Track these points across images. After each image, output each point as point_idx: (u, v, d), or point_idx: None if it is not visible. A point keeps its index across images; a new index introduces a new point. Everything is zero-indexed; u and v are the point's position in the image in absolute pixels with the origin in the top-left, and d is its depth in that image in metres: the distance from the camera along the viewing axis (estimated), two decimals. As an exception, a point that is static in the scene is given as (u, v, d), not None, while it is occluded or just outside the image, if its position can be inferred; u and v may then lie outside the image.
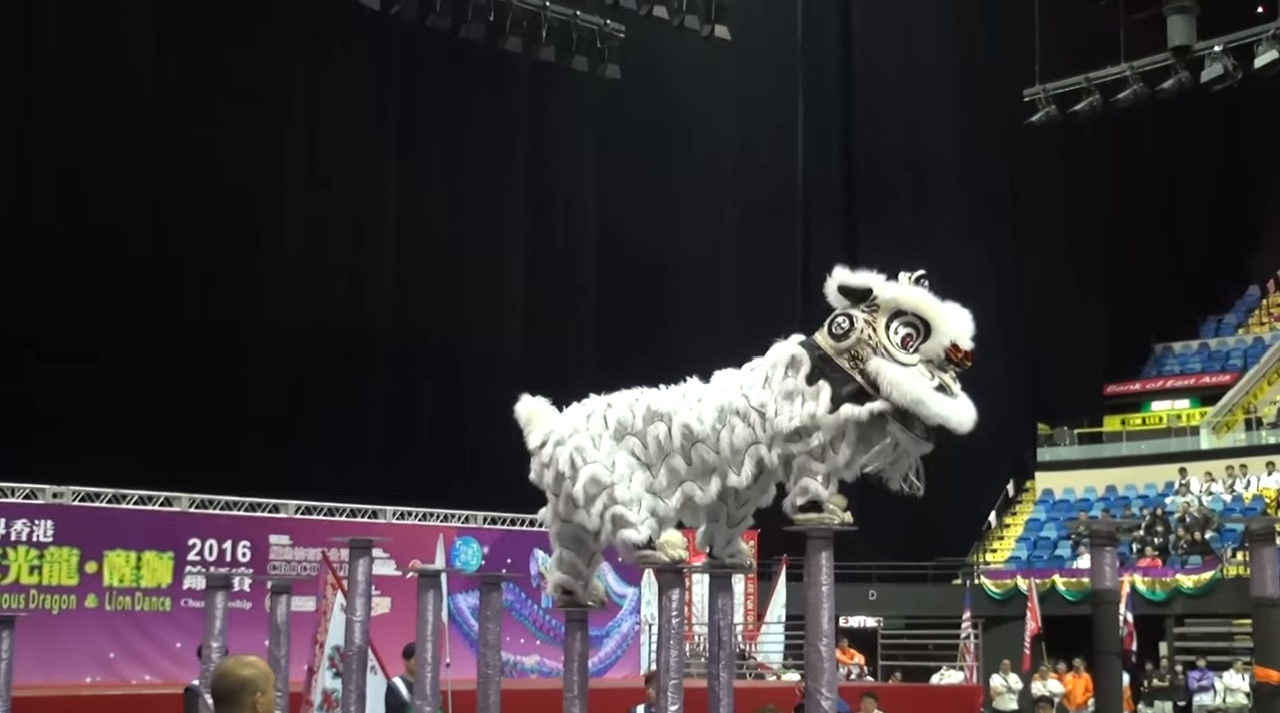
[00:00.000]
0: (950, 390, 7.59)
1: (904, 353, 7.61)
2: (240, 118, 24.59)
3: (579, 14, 25.96)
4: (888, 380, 7.55)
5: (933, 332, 7.62)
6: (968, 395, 7.70)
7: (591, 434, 8.56)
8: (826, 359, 7.84)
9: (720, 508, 8.58)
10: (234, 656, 5.03)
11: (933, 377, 7.57)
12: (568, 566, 9.00)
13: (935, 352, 7.60)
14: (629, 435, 8.44)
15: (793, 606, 25.01)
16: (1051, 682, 24.14)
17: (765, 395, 8.02)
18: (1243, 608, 21.66)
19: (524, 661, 23.49)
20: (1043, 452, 34.97)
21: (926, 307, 7.68)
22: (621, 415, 8.51)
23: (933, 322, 7.64)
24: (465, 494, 24.49)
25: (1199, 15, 28.71)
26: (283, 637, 11.12)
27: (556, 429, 8.74)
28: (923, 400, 7.50)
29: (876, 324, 7.69)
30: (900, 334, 7.65)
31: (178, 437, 22.63)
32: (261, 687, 4.76)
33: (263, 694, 4.75)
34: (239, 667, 4.82)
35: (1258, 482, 30.86)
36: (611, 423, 8.52)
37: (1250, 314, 39.76)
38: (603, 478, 8.35)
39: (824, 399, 7.77)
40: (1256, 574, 8.09)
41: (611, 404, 8.65)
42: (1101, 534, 8.53)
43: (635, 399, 8.57)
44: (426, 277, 27.64)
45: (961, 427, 7.59)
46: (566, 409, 8.89)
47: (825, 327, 7.94)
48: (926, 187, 34.97)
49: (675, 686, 8.26)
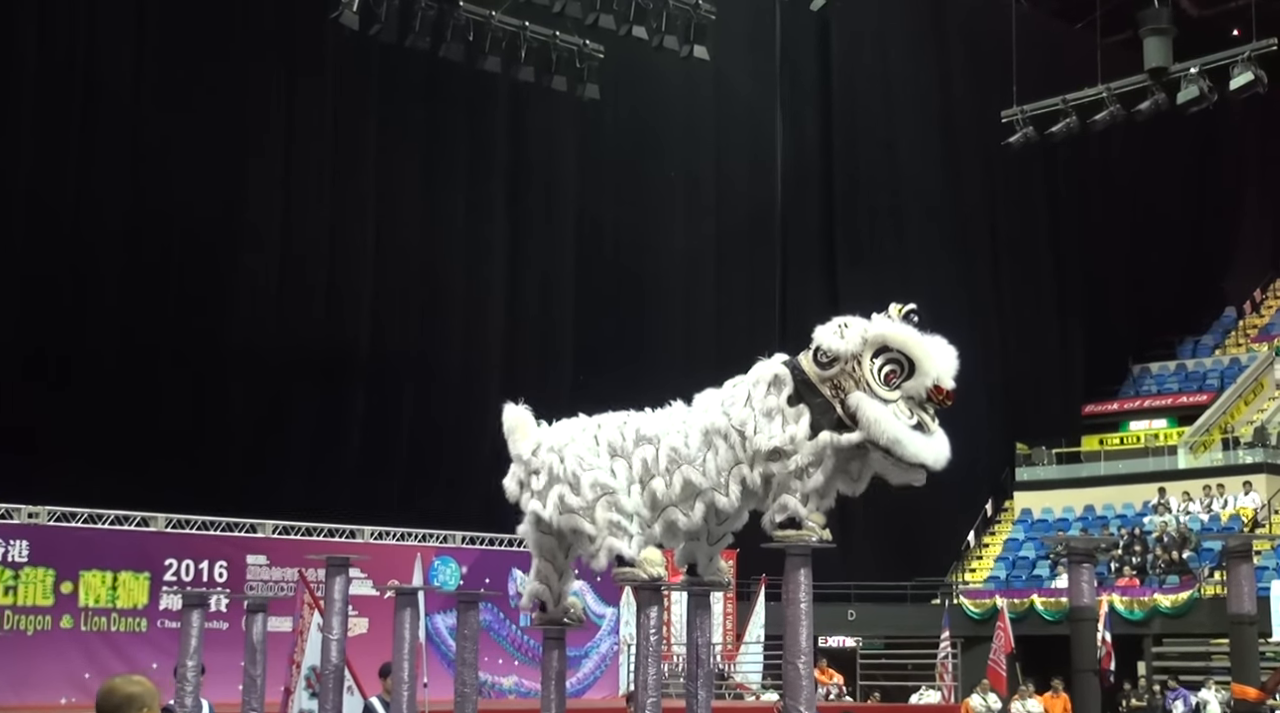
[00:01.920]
0: (928, 429, 7.75)
1: (885, 389, 7.75)
2: (217, 136, 24.53)
3: (558, 34, 25.96)
4: (867, 418, 7.71)
5: (917, 370, 7.77)
6: (943, 430, 7.86)
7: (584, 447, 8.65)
8: (809, 384, 7.94)
9: (701, 528, 8.59)
10: (121, 674, 5.07)
11: (912, 415, 7.72)
12: (543, 576, 9.01)
13: (917, 390, 7.75)
14: (619, 458, 8.50)
15: (772, 626, 24.98)
16: (1030, 702, 24.13)
17: (745, 414, 8.09)
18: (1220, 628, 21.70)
19: (502, 681, 23.42)
20: (1021, 472, 35.02)
21: (913, 345, 7.81)
22: (611, 438, 8.61)
23: (918, 360, 7.77)
24: (443, 514, 24.42)
25: (1175, 38, 28.89)
26: (258, 656, 11.07)
27: (550, 438, 8.81)
28: (899, 441, 7.66)
29: (862, 357, 7.83)
30: (884, 370, 7.79)
31: (154, 457, 22.51)
32: (148, 703, 4.78)
33: (149, 710, 4.75)
34: (125, 684, 4.85)
35: (1235, 501, 30.96)
36: (602, 444, 8.59)
37: (1227, 335, 39.98)
38: (608, 483, 8.44)
39: (804, 424, 7.89)
40: (1234, 592, 8.13)
41: (601, 425, 8.75)
42: (1079, 552, 8.54)
43: (624, 422, 8.67)
44: (404, 296, 27.59)
45: (936, 465, 7.78)
46: (557, 423, 8.91)
47: (811, 351, 8.00)
48: (904, 207, 35.06)
49: (653, 704, 8.25)
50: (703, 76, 29.99)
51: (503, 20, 25.26)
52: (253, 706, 11.09)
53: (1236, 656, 8.33)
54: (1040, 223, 37.51)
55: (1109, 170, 38.13)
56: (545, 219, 29.83)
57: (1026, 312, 36.76)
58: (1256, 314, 40.68)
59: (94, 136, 23.55)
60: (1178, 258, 39.28)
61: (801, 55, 33.85)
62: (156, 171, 23.95)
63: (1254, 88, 27.22)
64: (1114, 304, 37.98)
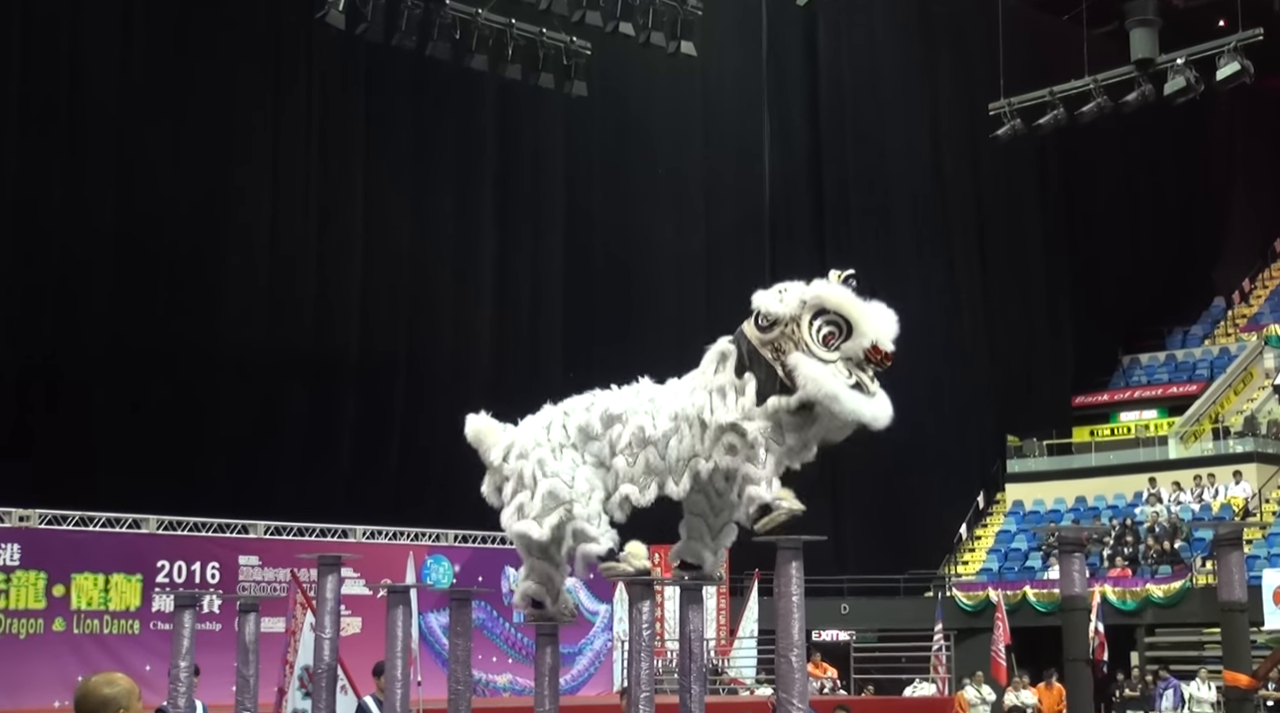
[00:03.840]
0: (867, 389, 7.84)
1: (824, 350, 7.85)
2: (204, 137, 24.50)
3: (545, 32, 25.92)
4: (804, 375, 7.81)
5: (854, 331, 7.84)
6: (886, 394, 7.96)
7: (553, 445, 8.65)
8: (754, 352, 8.06)
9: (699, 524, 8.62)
10: (100, 673, 4.99)
11: (850, 375, 7.80)
12: (538, 575, 8.99)
13: (855, 351, 7.83)
14: (592, 441, 8.51)
15: (765, 621, 24.97)
16: (1025, 693, 24.16)
17: (702, 398, 8.19)
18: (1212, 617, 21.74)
19: (496, 679, 23.42)
20: (1012, 464, 35.07)
21: (850, 306, 7.89)
22: (581, 422, 8.63)
23: (855, 321, 7.85)
24: (435, 513, 24.40)
25: (1161, 29, 28.91)
26: (251, 656, 11.05)
27: (518, 442, 8.85)
28: (837, 397, 7.76)
29: (801, 319, 7.93)
30: (823, 331, 7.89)
31: (145, 459, 22.47)
32: (125, 703, 4.70)
33: (126, 711, 4.70)
34: (101, 685, 4.75)
35: (1226, 491, 31.03)
36: (572, 431, 8.64)
37: (1216, 325, 40.06)
38: (560, 494, 8.45)
39: (750, 392, 8.02)
40: (1224, 579, 8.13)
41: (569, 412, 8.76)
42: (1070, 541, 8.56)
43: (591, 404, 8.67)
44: (393, 297, 27.57)
45: (876, 423, 7.87)
46: (523, 421, 8.91)
47: (753, 317, 8.11)
48: (892, 201, 35.08)
49: (647, 699, 8.25)
50: (690, 73, 29.97)
51: (489, 18, 25.22)
52: (246, 706, 11.08)
53: (1228, 644, 8.34)
54: (1029, 215, 37.55)
55: (1097, 162, 38.16)
56: (534, 218, 29.80)
57: (1016, 304, 36.80)
58: (1245, 304, 40.76)
59: (81, 139, 23.53)
60: (1166, 248, 39.35)
61: (788, 50, 33.84)
62: (144, 174, 23.93)
63: (1240, 78, 27.25)
64: (1103, 295, 38.02)
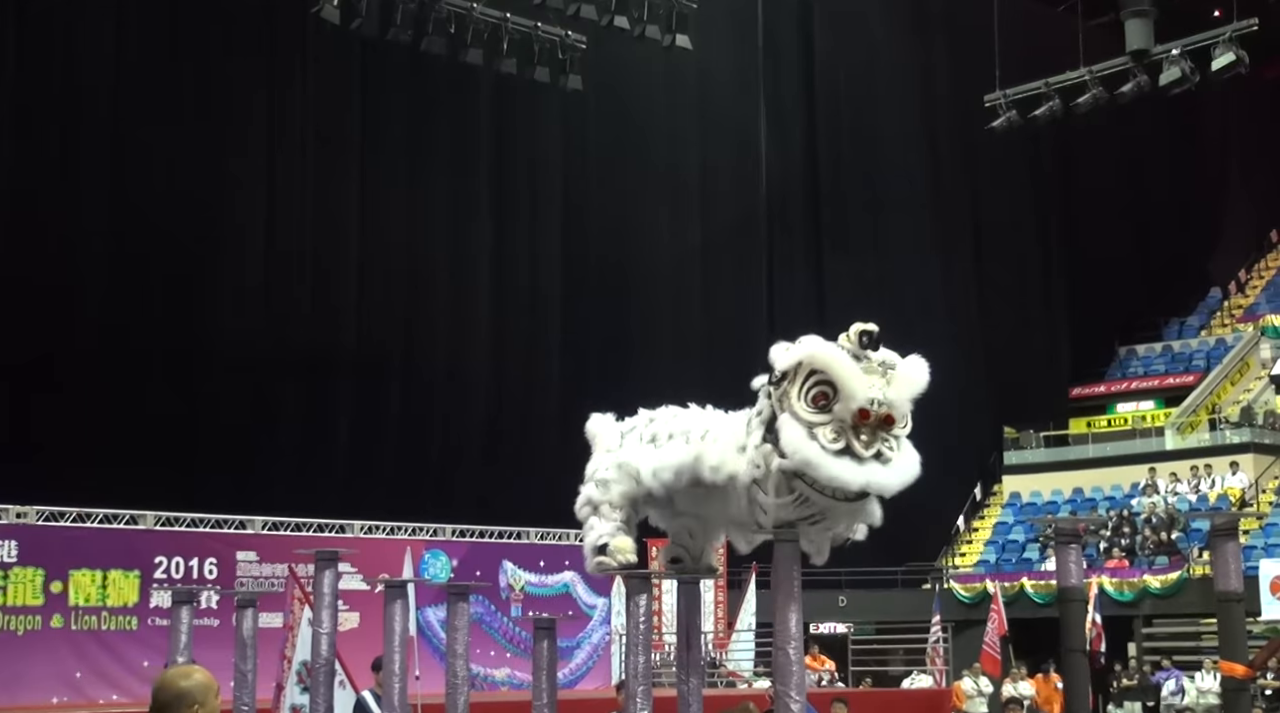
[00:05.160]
0: (857, 455, 7.40)
1: (814, 412, 7.45)
2: (198, 134, 24.49)
3: (540, 26, 25.90)
4: (784, 440, 7.50)
5: (840, 394, 7.42)
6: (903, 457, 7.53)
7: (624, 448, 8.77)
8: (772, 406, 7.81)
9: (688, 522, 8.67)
10: (177, 666, 4.93)
11: (839, 439, 7.40)
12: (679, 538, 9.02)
13: (844, 415, 7.41)
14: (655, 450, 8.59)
15: (763, 613, 25.00)
16: (1022, 684, 24.18)
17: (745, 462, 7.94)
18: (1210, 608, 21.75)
19: (495, 673, 23.42)
20: (1009, 456, 35.09)
21: (836, 367, 7.45)
22: (658, 431, 8.62)
23: (840, 385, 7.43)
24: (433, 508, 24.42)
25: (1156, 19, 28.96)
26: (249, 651, 11.06)
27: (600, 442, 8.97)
28: (809, 463, 7.40)
29: (796, 379, 7.56)
30: (813, 392, 7.48)
31: (142, 455, 22.48)
32: (200, 698, 4.65)
33: (201, 707, 4.65)
34: (178, 678, 4.71)
35: (1222, 482, 31.05)
36: (648, 436, 8.65)
37: (1212, 315, 40.09)
38: (595, 498, 8.59)
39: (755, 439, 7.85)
40: (1220, 570, 8.15)
41: (654, 419, 8.77)
42: (1066, 532, 8.57)
43: (675, 415, 8.66)
44: (390, 291, 27.57)
45: (871, 490, 7.49)
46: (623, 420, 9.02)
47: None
48: (889, 194, 35.08)
49: (644, 692, 8.26)
50: (686, 66, 29.96)
51: (484, 12, 25.20)
52: (244, 701, 11.09)
53: (1224, 634, 8.36)
54: (1025, 207, 37.56)
55: (1092, 153, 38.17)
56: (530, 211, 29.81)
57: (1012, 296, 36.82)
58: (1241, 294, 40.81)
59: (75, 134, 23.52)
60: (1162, 239, 39.37)
61: (784, 43, 33.85)
62: (138, 170, 23.91)
63: (1235, 68, 27.29)
64: (1099, 286, 38.02)
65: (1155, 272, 39.11)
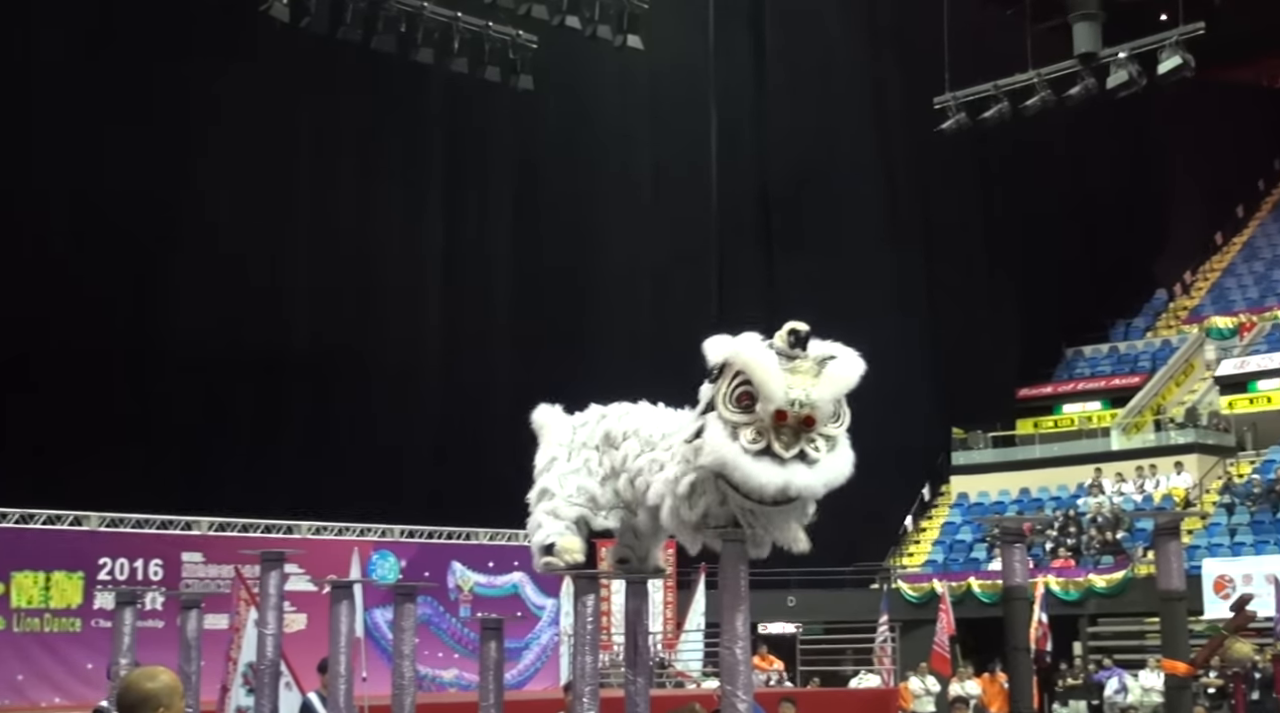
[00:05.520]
0: (778, 456, 7.26)
1: (738, 412, 7.34)
2: (147, 132, 24.25)
3: (491, 25, 25.85)
4: (705, 440, 7.42)
5: (760, 396, 7.29)
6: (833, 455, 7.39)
7: (575, 444, 8.64)
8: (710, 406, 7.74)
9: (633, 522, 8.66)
10: (142, 668, 4.90)
11: (759, 439, 7.27)
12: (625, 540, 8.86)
13: (764, 415, 7.28)
14: (611, 449, 8.50)
15: (712, 614, 25.01)
16: (969, 683, 24.34)
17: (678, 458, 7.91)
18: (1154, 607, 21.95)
19: (442, 674, 23.36)
20: (957, 456, 35.31)
21: (754, 368, 7.31)
22: (610, 428, 8.55)
23: (758, 386, 7.29)
24: (381, 509, 24.32)
25: (1104, 23, 29.20)
26: (193, 652, 10.97)
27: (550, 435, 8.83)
28: (726, 463, 7.30)
29: (724, 379, 7.46)
30: (738, 391, 7.37)
31: (87, 455, 22.25)
32: (166, 701, 4.62)
33: (167, 709, 4.62)
34: (144, 680, 4.68)
35: (1167, 482, 31.35)
36: (599, 435, 8.58)
37: (1158, 317, 40.50)
38: (550, 488, 8.51)
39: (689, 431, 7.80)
40: (1163, 569, 8.22)
41: (606, 415, 8.68)
42: (1011, 532, 8.62)
43: (626, 413, 8.58)
44: (340, 291, 27.40)
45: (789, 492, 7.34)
46: (573, 416, 8.90)
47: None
48: (839, 195, 35.21)
49: (591, 692, 8.24)
50: (637, 66, 29.97)
51: (435, 11, 25.12)
52: (188, 703, 10.99)
53: (1167, 632, 8.43)
54: (974, 208, 37.79)
55: (1041, 155, 38.45)
56: (481, 211, 29.74)
57: (961, 297, 37.01)
58: (1186, 296, 41.24)
59: (26, 133, 23.24)
60: (1109, 241, 39.70)
61: (735, 43, 33.93)
62: (89, 168, 23.65)
63: (1182, 71, 27.55)
64: (1047, 288, 38.31)
65: (1102, 274, 39.44)
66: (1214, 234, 43.20)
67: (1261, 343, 36.42)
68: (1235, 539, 28.88)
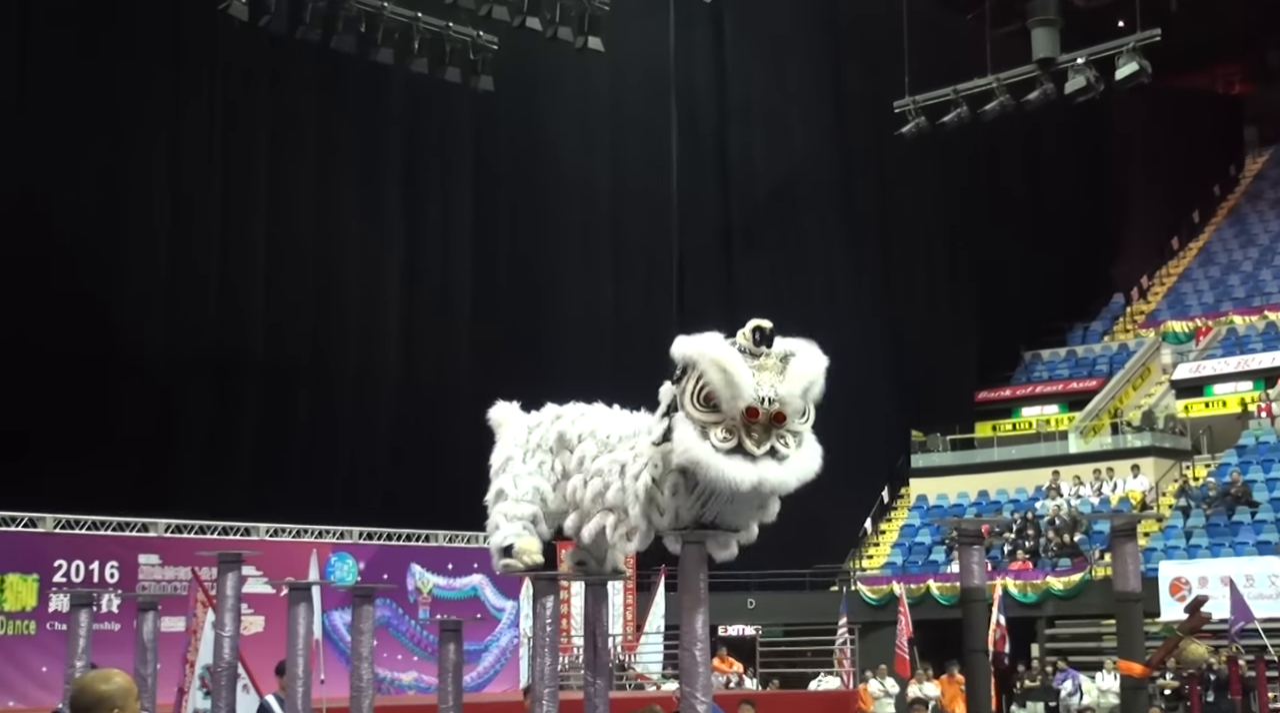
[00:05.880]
0: (749, 453, 7.36)
1: (705, 411, 7.41)
2: (103, 132, 24.07)
3: (451, 26, 25.79)
4: (675, 440, 7.48)
5: (729, 394, 7.35)
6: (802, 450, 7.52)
7: (529, 446, 8.64)
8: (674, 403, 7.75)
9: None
10: (96, 670, 4.85)
11: (730, 437, 7.35)
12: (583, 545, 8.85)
13: (733, 412, 7.37)
14: (565, 450, 8.51)
15: (672, 616, 25.01)
16: (927, 685, 24.42)
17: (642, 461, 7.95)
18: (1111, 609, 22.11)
19: (401, 677, 23.27)
20: (916, 459, 35.44)
21: (718, 370, 7.36)
22: (564, 430, 8.55)
23: (728, 384, 7.34)
24: (340, 511, 24.22)
25: (1062, 29, 29.41)
26: (149, 654, 10.89)
27: (505, 436, 8.84)
28: (699, 462, 7.37)
29: (689, 378, 7.51)
30: (705, 390, 7.43)
31: (42, 456, 22.06)
32: (120, 703, 4.57)
33: (121, 711, 4.57)
34: (98, 682, 4.63)
35: (1124, 484, 31.55)
36: (552, 437, 8.59)
37: (1115, 321, 40.77)
38: (506, 491, 8.52)
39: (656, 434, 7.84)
40: (1119, 570, 8.27)
41: (560, 416, 8.69)
42: (969, 534, 8.66)
43: (581, 414, 8.59)
44: (298, 292, 27.23)
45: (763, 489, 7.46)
46: (529, 415, 8.89)
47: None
48: (799, 197, 35.32)
49: (550, 694, 8.23)
50: (598, 68, 29.96)
51: (395, 11, 25.05)
52: (144, 705, 10.91)
53: (1123, 633, 8.49)
54: (933, 212, 37.94)
55: (1000, 160, 38.70)
56: (441, 212, 29.64)
57: (920, 300, 37.18)
58: (1144, 301, 41.55)
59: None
60: (1067, 245, 39.95)
61: (696, 45, 33.93)
62: (43, 168, 23.40)
63: (1139, 77, 27.78)
64: (1006, 291, 38.52)
65: (1060, 278, 39.66)
66: (1170, 239, 43.54)
67: (1217, 348, 36.73)
68: (1191, 542, 29.11)
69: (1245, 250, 42.36)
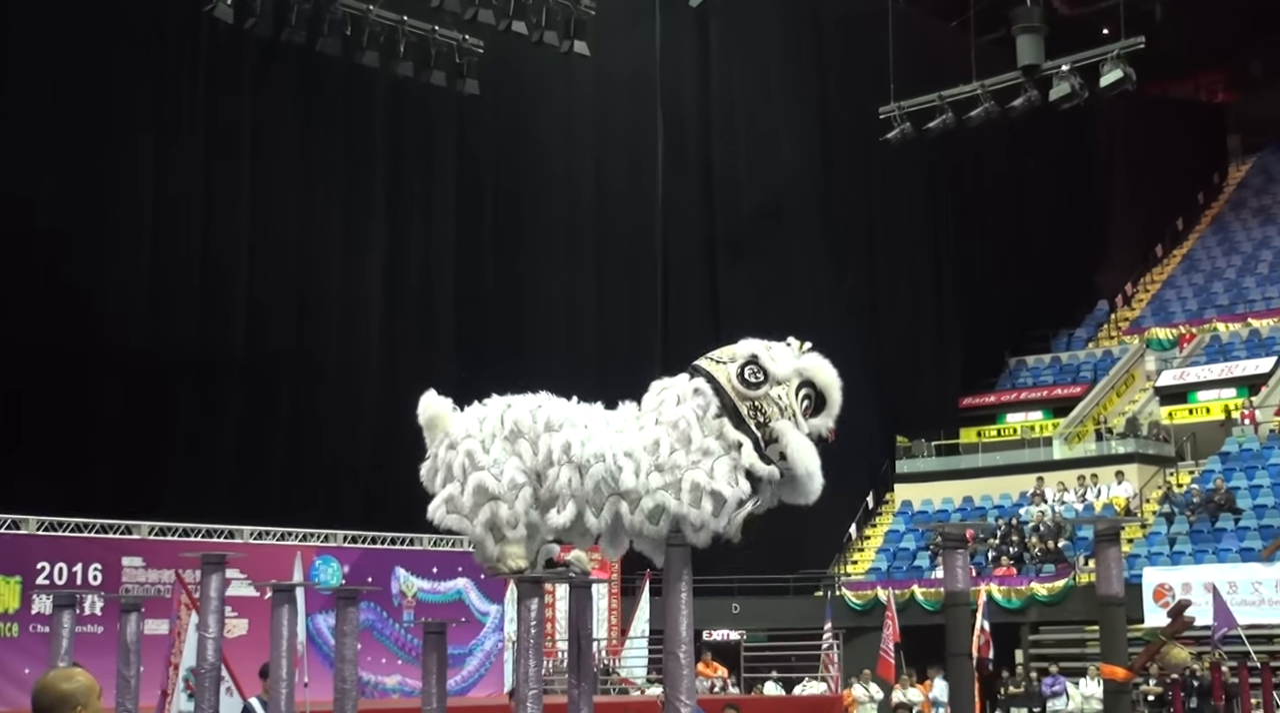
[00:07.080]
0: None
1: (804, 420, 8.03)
2: (87, 132, 24.00)
3: (437, 29, 25.80)
4: (792, 447, 7.89)
5: (826, 410, 8.07)
6: None
7: (484, 436, 8.39)
8: (732, 405, 7.88)
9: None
10: (58, 669, 4.82)
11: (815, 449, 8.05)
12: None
13: (820, 428, 8.05)
14: (521, 439, 8.30)
15: (656, 620, 25.00)
16: (911, 690, 24.43)
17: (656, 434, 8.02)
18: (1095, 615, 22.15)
19: (385, 681, 23.23)
20: (901, 464, 35.47)
21: (834, 387, 8.07)
22: (519, 418, 8.37)
23: (832, 403, 8.08)
24: (324, 514, 24.17)
25: (1047, 36, 29.49)
26: (132, 656, 10.86)
27: (452, 432, 8.54)
28: (813, 475, 8.01)
29: (789, 386, 7.95)
30: (803, 403, 8.01)
31: (25, 458, 21.99)
32: (83, 701, 4.54)
33: (84, 708, 4.54)
34: (59, 681, 4.59)
35: (1108, 491, 31.60)
36: (508, 425, 8.37)
37: (1100, 328, 40.88)
38: (489, 486, 8.23)
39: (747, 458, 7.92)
40: (1102, 575, 8.28)
41: (511, 405, 8.50)
42: (953, 538, 8.65)
43: (538, 406, 8.44)
44: (281, 293, 27.19)
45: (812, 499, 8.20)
46: (468, 409, 8.65)
47: (736, 369, 7.94)
48: (783, 204, 35.31)
49: (534, 697, 8.21)
50: (583, 72, 29.96)
51: (380, 14, 25.05)
52: (127, 707, 10.88)
53: (1106, 637, 8.48)
54: (918, 218, 38.02)
55: (984, 166, 38.78)
56: (425, 214, 29.61)
57: (905, 306, 37.24)
58: (1128, 307, 41.67)
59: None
60: (1052, 252, 40.08)
61: (681, 51, 33.94)
62: (26, 169, 23.38)
63: (1123, 85, 27.89)
64: (990, 298, 38.61)
65: (1044, 284, 39.77)
66: (1154, 247, 43.68)
67: (1200, 355, 36.84)
68: (1175, 549, 29.17)
69: (1229, 258, 42.52)
